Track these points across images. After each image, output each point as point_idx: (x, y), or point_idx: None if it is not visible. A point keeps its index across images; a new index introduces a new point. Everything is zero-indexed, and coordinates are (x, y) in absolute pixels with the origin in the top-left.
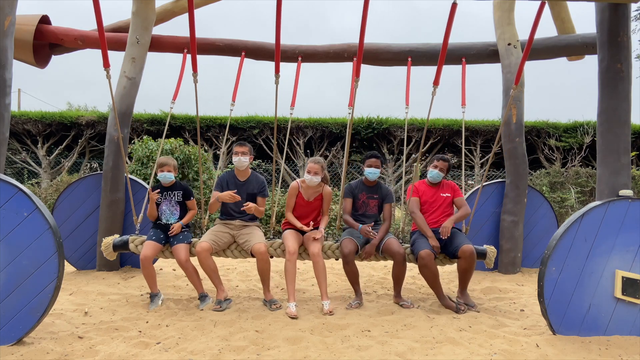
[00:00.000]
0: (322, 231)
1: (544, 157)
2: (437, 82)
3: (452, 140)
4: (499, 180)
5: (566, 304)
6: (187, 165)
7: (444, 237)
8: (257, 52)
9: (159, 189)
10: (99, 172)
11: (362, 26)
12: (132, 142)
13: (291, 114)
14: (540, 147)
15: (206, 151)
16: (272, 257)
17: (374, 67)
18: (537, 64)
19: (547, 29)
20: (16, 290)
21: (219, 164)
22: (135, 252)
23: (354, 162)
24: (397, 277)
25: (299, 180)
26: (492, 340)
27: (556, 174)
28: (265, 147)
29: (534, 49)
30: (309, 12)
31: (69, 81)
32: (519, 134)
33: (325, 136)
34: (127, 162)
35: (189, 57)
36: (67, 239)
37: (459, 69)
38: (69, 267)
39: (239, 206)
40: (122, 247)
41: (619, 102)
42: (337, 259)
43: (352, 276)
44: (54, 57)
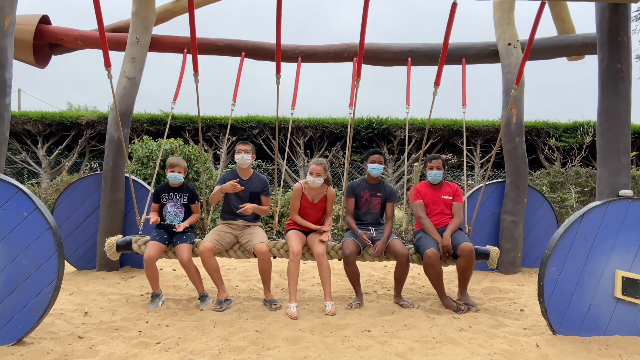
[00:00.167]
0: (329, 234)
1: (544, 157)
2: (437, 82)
3: (452, 140)
4: (499, 180)
5: (566, 304)
6: (187, 165)
7: (445, 254)
8: (257, 52)
9: (165, 189)
10: (99, 172)
11: (362, 27)
12: (132, 142)
13: (292, 114)
14: (540, 147)
15: (206, 151)
16: (275, 257)
17: (374, 67)
18: (537, 64)
19: (547, 29)
20: (16, 290)
21: (220, 164)
22: (138, 253)
23: (353, 162)
24: (399, 278)
25: (302, 181)
26: (492, 340)
27: (556, 174)
28: (265, 147)
29: (534, 49)
30: (309, 12)
31: (69, 81)
32: (519, 134)
33: (325, 136)
34: (128, 163)
35: (188, 57)
36: (67, 239)
37: (459, 69)
38: (69, 267)
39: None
40: (125, 248)
41: (619, 102)
42: (340, 259)
43: (352, 276)
44: (54, 57)
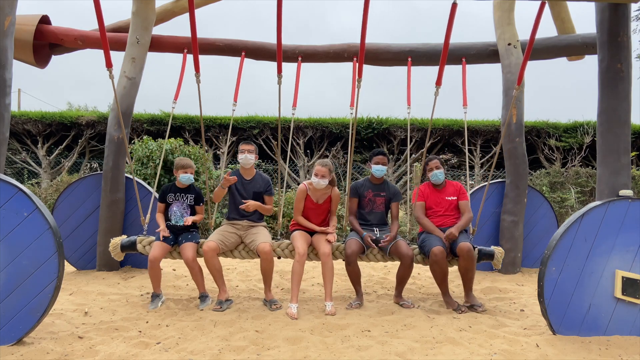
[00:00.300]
0: (335, 235)
1: (544, 157)
2: (439, 82)
3: (452, 140)
4: (498, 180)
5: (566, 304)
6: None
7: (447, 241)
8: (257, 52)
9: (171, 189)
10: (99, 172)
11: (363, 27)
12: (132, 142)
13: (293, 114)
14: (540, 147)
15: (206, 151)
16: (279, 257)
17: (374, 67)
18: (537, 64)
19: (547, 29)
20: (16, 290)
21: (220, 164)
22: (143, 253)
23: (353, 162)
24: (402, 278)
25: (306, 182)
26: (492, 340)
27: (556, 174)
28: (265, 147)
29: (534, 49)
30: (309, 12)
31: (69, 81)
32: (519, 134)
33: (325, 136)
34: (128, 162)
35: (189, 57)
36: (67, 239)
37: (458, 69)
38: (69, 267)
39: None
40: (129, 248)
41: (619, 102)
42: (344, 260)
43: (354, 276)
44: (54, 57)
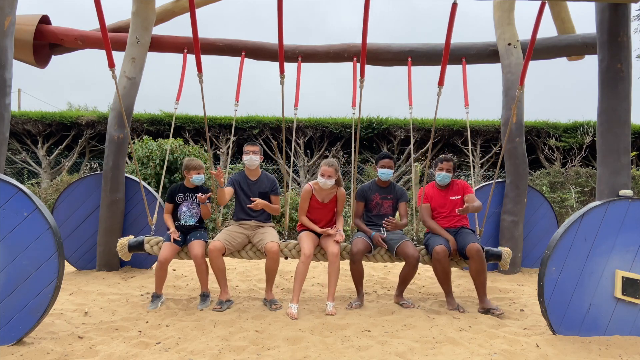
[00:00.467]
0: (342, 233)
1: (544, 157)
2: (441, 83)
3: (452, 140)
4: (498, 180)
5: (566, 304)
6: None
7: (462, 213)
8: (257, 52)
9: (180, 189)
10: (99, 172)
11: (364, 27)
12: (132, 142)
13: (295, 114)
14: (540, 147)
15: (206, 151)
16: (286, 258)
17: (374, 67)
18: (537, 64)
19: (547, 29)
20: (16, 290)
21: (220, 164)
22: (150, 253)
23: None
24: (405, 278)
25: (311, 183)
26: (492, 340)
27: (556, 174)
28: (265, 147)
29: (534, 49)
30: (309, 12)
31: (69, 81)
32: (519, 134)
33: (325, 136)
34: (129, 163)
35: (189, 57)
36: (67, 239)
37: (458, 69)
38: (69, 267)
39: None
40: (137, 248)
41: (619, 102)
42: (350, 258)
43: (357, 276)
44: (54, 57)
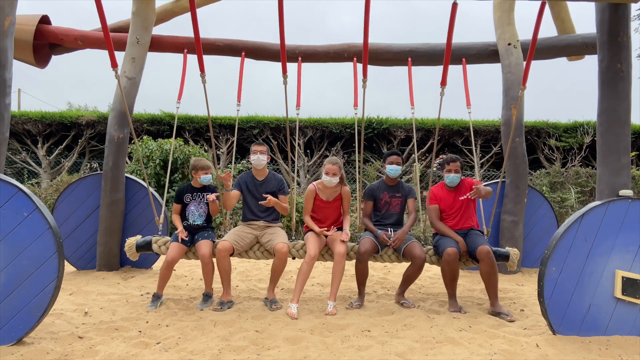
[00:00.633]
0: (348, 233)
1: (544, 157)
2: (444, 83)
3: (452, 140)
4: (498, 180)
5: (566, 304)
6: (187, 165)
7: (473, 196)
8: (257, 52)
9: (188, 189)
10: (99, 172)
11: (365, 28)
12: (132, 142)
13: (297, 114)
14: (540, 147)
15: (206, 151)
16: (293, 257)
17: (374, 67)
18: (537, 64)
19: (547, 29)
20: (16, 290)
21: (220, 164)
22: (158, 253)
23: (354, 162)
24: (409, 278)
25: (315, 183)
26: (492, 340)
27: (556, 174)
28: None
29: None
30: (308, 13)
31: (69, 81)
32: (519, 134)
33: (325, 136)
34: (131, 163)
35: (189, 56)
36: (67, 239)
37: (458, 69)
38: (69, 267)
39: (261, 206)
40: (144, 248)
41: (619, 102)
42: (356, 257)
43: (361, 276)
44: (54, 57)
